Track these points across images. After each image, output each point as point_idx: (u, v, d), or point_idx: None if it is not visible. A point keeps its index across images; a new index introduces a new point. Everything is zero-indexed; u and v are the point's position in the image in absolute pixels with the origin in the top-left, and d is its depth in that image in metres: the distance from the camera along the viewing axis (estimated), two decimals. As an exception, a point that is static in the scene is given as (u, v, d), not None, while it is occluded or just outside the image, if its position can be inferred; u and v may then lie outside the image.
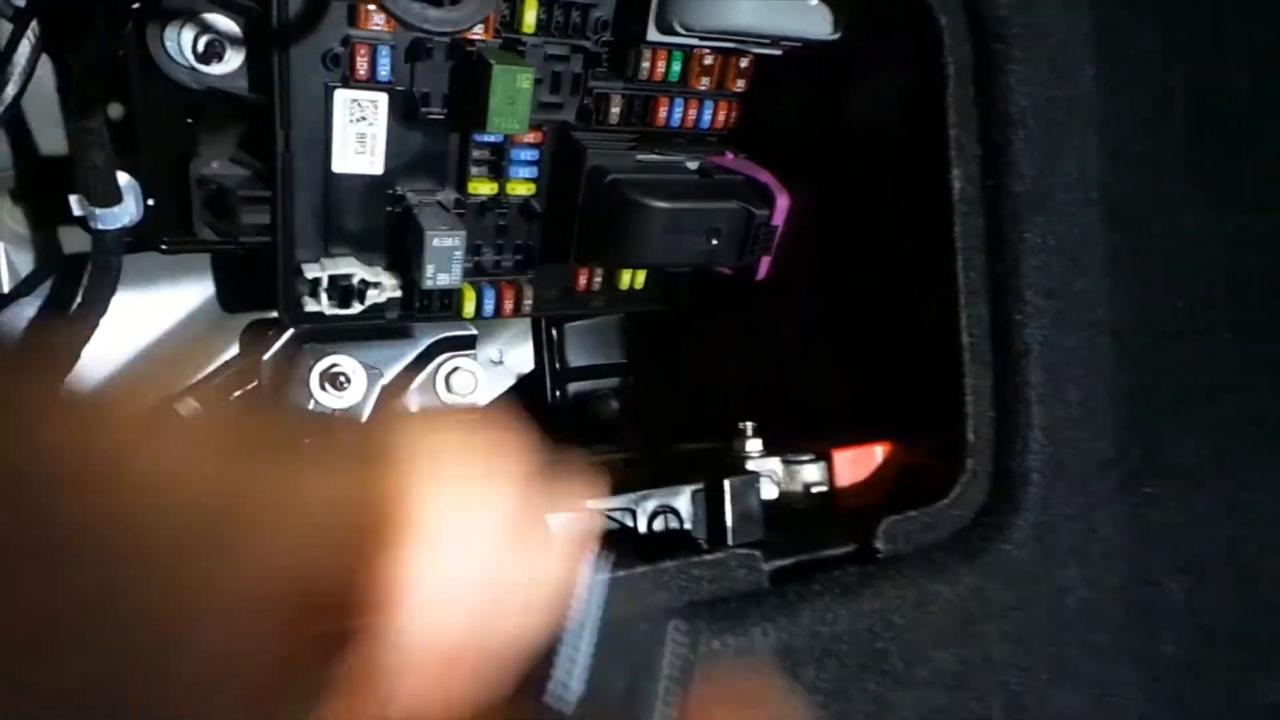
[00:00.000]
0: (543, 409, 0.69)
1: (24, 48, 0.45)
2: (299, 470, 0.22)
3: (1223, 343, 0.65)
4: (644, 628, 0.24)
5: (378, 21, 0.47)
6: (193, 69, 0.47)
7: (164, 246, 0.52)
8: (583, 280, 0.61)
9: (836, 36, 0.50)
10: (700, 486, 0.43)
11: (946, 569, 0.42)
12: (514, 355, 0.68)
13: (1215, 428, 0.61)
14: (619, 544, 0.42)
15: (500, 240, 0.57)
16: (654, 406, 0.70)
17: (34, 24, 0.45)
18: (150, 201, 0.50)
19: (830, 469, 0.48)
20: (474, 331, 0.63)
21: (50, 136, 0.54)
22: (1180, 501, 0.58)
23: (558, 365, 0.69)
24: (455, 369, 0.62)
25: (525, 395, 0.69)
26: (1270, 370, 0.65)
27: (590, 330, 0.70)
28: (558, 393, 0.69)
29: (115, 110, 0.50)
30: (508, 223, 0.56)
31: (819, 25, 0.49)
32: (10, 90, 0.45)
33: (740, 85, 0.56)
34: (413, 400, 0.63)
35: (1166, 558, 0.57)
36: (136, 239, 0.51)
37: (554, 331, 0.68)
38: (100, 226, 0.49)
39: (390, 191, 0.52)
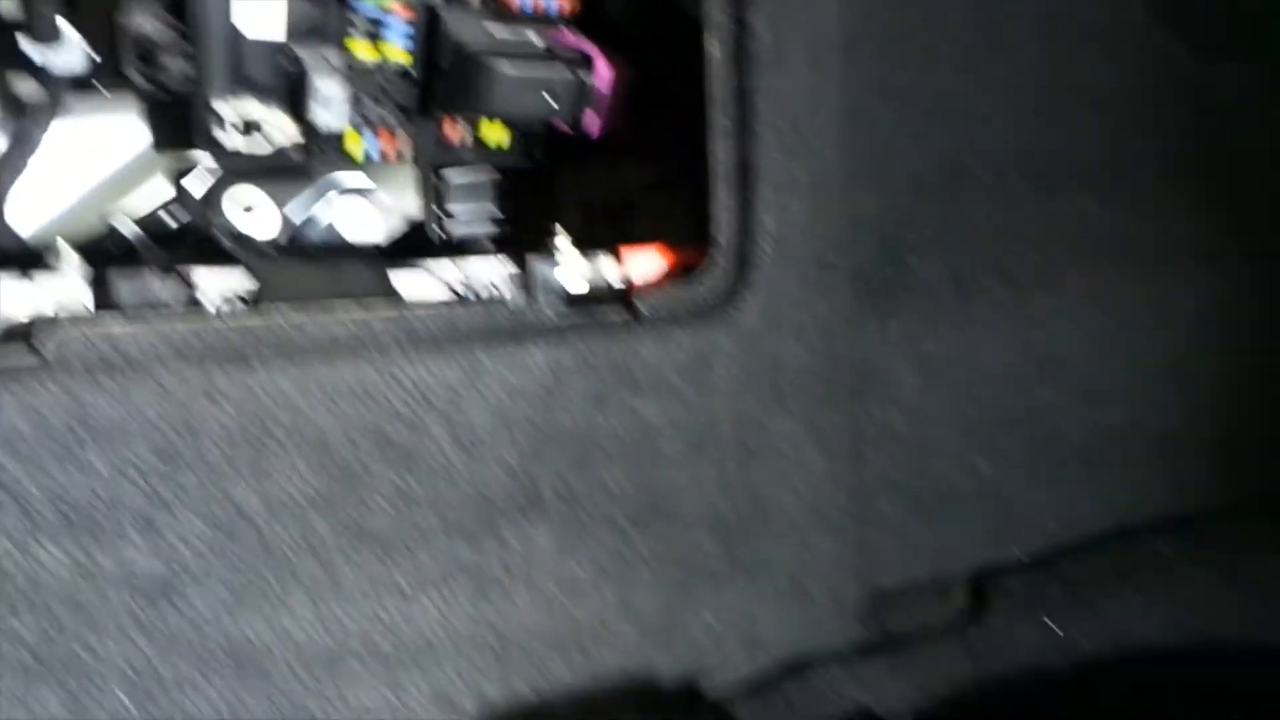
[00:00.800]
0: (428, 252, 0.84)
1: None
2: None
3: (974, 200, 0.81)
4: None
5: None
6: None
7: (103, 91, 0.66)
8: (453, 135, 0.76)
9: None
10: (512, 263, 0.59)
11: (690, 325, 0.58)
12: (403, 202, 0.83)
13: (957, 261, 0.78)
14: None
15: (382, 98, 0.71)
16: (524, 246, 0.86)
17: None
18: (89, 53, 0.64)
19: (621, 263, 0.64)
20: (369, 180, 0.78)
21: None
22: (919, 313, 0.75)
23: (440, 212, 0.84)
24: (355, 210, 0.77)
25: (414, 239, 0.84)
26: (1010, 224, 0.82)
27: (471, 185, 0.85)
28: (442, 233, 0.84)
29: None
30: (388, 84, 0.71)
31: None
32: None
33: (579, -24, 0.70)
34: (318, 234, 0.77)
35: (901, 355, 0.74)
36: (79, 82, 0.65)
37: (436, 181, 0.83)
38: (49, 69, 0.62)
39: (290, 53, 0.66)
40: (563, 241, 0.64)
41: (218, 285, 0.51)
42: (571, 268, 0.63)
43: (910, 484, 0.73)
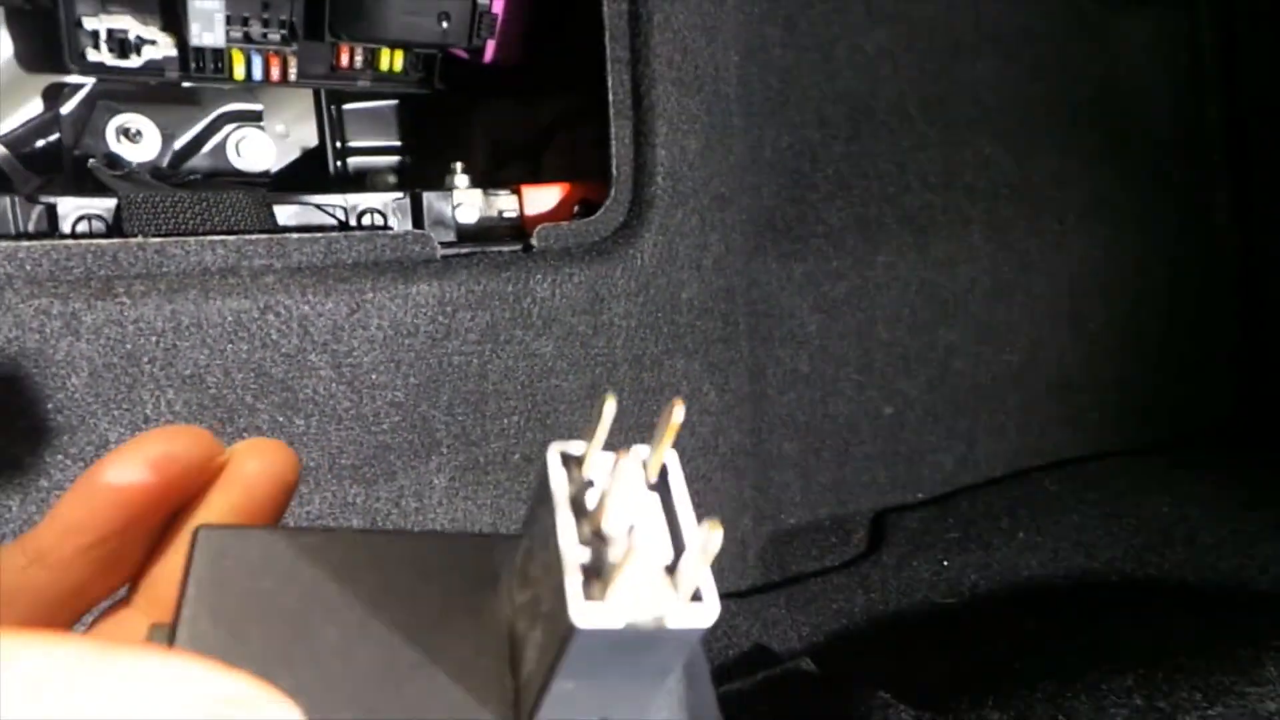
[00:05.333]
0: (325, 181, 0.81)
1: None
2: None
3: (878, 141, 0.81)
4: None
5: None
6: None
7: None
8: (345, 58, 0.72)
9: None
10: (403, 196, 0.57)
11: (585, 261, 0.57)
12: (299, 131, 0.80)
13: (860, 203, 0.78)
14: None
15: (266, 15, 0.67)
16: (424, 182, 0.83)
17: None
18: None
19: (520, 200, 0.63)
20: (260, 106, 0.74)
21: None
22: (821, 255, 0.75)
23: (339, 143, 0.80)
24: (244, 138, 0.73)
25: (309, 168, 0.81)
26: (913, 167, 0.82)
27: (368, 113, 0.82)
28: (339, 164, 0.80)
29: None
30: (272, 2, 0.67)
31: None
32: None
33: (473, -106, 0.67)
34: (204, 162, 0.73)
35: (803, 296, 0.74)
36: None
37: (334, 110, 0.79)
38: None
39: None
40: (460, 177, 0.61)
41: (82, 210, 0.48)
42: (466, 203, 0.61)
43: (812, 424, 0.74)
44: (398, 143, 0.83)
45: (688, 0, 0.59)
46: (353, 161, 0.81)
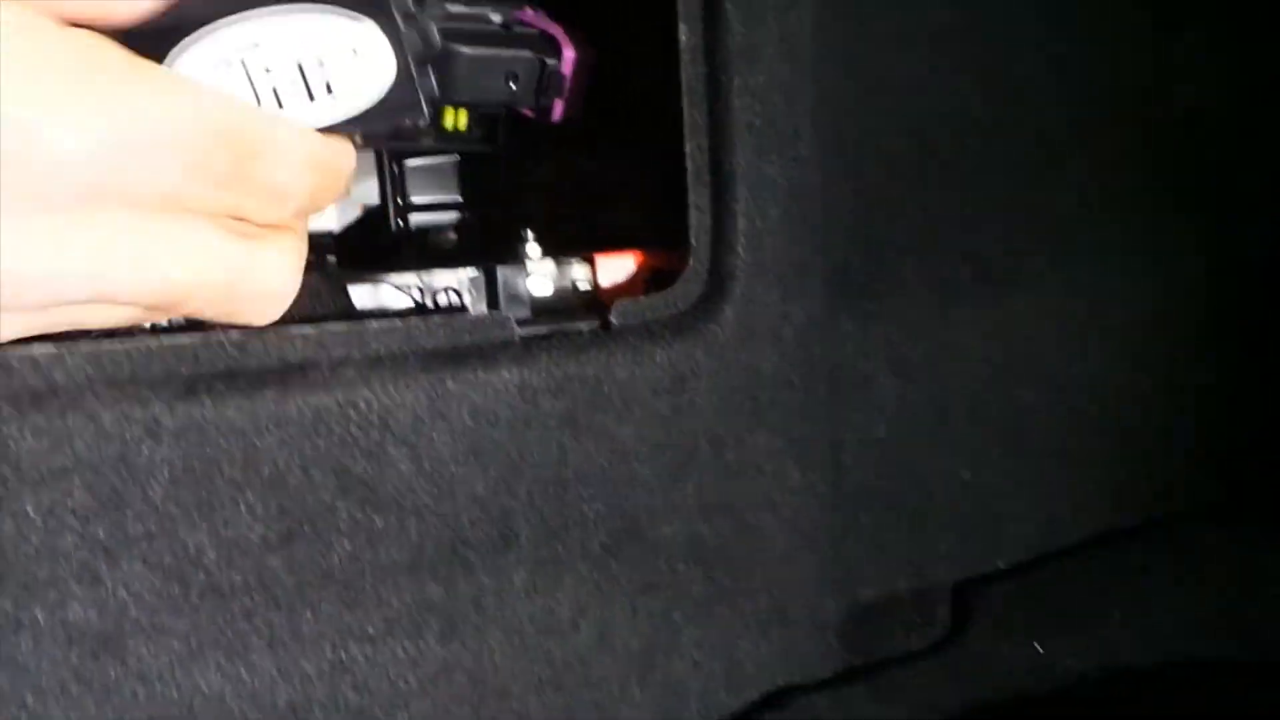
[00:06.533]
0: (387, 239, 0.80)
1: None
2: None
3: (951, 189, 0.79)
4: None
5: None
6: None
7: None
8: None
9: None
10: (478, 274, 0.55)
11: (665, 340, 0.55)
12: (360, 188, 0.79)
13: (935, 257, 0.76)
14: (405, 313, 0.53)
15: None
16: (487, 239, 0.82)
17: None
18: None
19: (593, 269, 0.61)
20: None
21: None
22: (897, 314, 0.73)
23: (399, 199, 0.79)
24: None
25: (371, 226, 0.79)
26: (987, 217, 0.79)
27: (429, 168, 0.80)
28: (400, 223, 0.79)
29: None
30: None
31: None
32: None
33: (540, -48, 0.66)
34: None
35: (880, 359, 0.71)
36: None
37: (395, 167, 0.78)
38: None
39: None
40: (531, 246, 0.60)
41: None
42: (540, 273, 0.59)
43: (888, 492, 0.71)
44: (459, 198, 0.81)
45: (765, 62, 0.57)
46: (414, 218, 0.79)
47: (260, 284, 0.29)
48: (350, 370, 0.46)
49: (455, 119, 0.76)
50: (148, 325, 0.46)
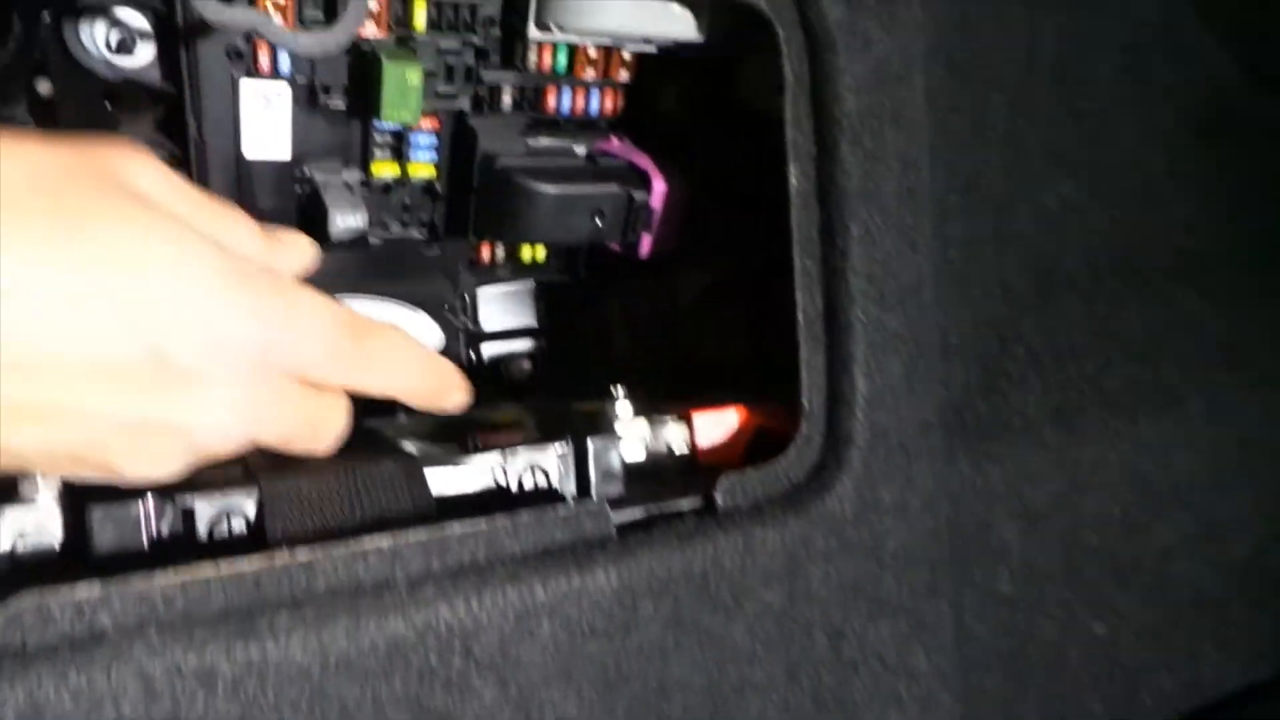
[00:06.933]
0: (460, 369, 0.75)
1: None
2: None
3: (1071, 309, 0.71)
4: None
5: (277, 20, 0.51)
6: (107, 61, 0.51)
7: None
8: (486, 254, 0.66)
9: (702, 39, 0.55)
10: (565, 450, 0.49)
11: (776, 519, 0.49)
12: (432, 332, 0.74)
13: (1058, 388, 0.68)
14: (490, 501, 0.48)
15: (405, 216, 0.62)
16: (563, 367, 0.76)
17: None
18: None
19: (691, 430, 0.55)
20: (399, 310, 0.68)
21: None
22: (1018, 454, 0.65)
23: (472, 328, 0.74)
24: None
25: (443, 355, 0.75)
26: (1113, 337, 0.72)
27: (503, 296, 0.75)
28: (473, 354, 0.74)
29: (44, 87, 0.54)
30: (411, 201, 0.61)
31: (683, 28, 0.54)
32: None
33: (624, 76, 0.61)
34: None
35: (1001, 505, 0.64)
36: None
37: (466, 296, 0.73)
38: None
39: (298, 173, 0.57)
40: (622, 405, 0.54)
41: (220, 508, 0.41)
42: (631, 436, 0.53)
43: (1015, 652, 0.64)
44: (534, 324, 0.76)
45: (885, 205, 0.51)
46: (487, 348, 0.74)
47: (335, 426, 0.39)
48: (429, 588, 0.40)
49: (533, 251, 0.71)
50: (204, 530, 0.41)
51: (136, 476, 0.33)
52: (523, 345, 0.75)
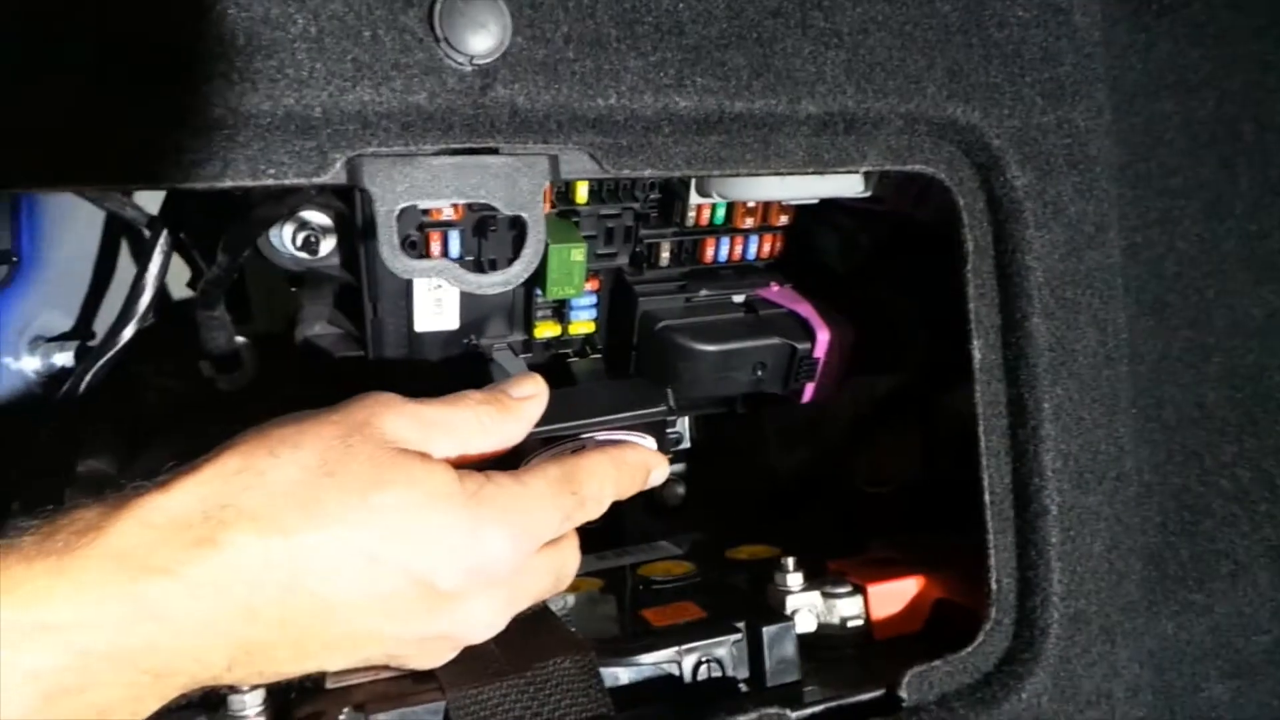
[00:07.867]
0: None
1: (158, 255, 0.52)
2: None
3: (1278, 429, 0.65)
4: None
5: (447, 212, 0.52)
6: (294, 257, 0.53)
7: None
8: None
9: (869, 194, 0.53)
10: (739, 637, 0.48)
11: (963, 716, 0.46)
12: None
13: (1270, 523, 0.62)
14: (665, 694, 0.47)
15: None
16: (717, 492, 0.75)
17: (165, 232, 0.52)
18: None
19: (866, 602, 0.52)
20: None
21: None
22: (1229, 604, 0.60)
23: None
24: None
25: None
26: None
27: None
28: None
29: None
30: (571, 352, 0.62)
31: (851, 187, 0.52)
32: (149, 286, 0.53)
33: (783, 220, 0.59)
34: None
35: (1211, 661, 0.59)
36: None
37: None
38: (224, 387, 0.57)
39: (465, 340, 0.58)
40: (793, 576, 0.52)
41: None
42: (803, 607, 0.51)
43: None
44: (687, 448, 0.75)
45: (1080, 376, 0.48)
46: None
47: (574, 566, 0.44)
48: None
49: (691, 392, 0.71)
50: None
51: (422, 668, 0.42)
52: (674, 469, 0.75)
